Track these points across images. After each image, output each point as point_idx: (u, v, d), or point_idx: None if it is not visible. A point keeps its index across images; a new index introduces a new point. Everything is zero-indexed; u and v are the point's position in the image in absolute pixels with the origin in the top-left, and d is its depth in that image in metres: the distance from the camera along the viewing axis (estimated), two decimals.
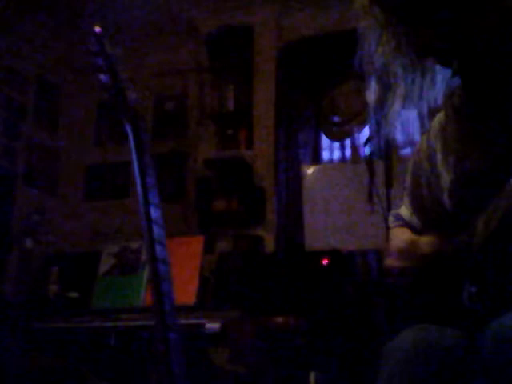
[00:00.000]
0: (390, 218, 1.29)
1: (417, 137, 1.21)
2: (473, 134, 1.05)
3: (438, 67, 1.06)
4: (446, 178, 1.10)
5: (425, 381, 0.88)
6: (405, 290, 1.15)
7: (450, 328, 0.95)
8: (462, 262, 0.99)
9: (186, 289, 2.70)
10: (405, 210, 1.25)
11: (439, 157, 1.13)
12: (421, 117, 1.15)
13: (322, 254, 2.95)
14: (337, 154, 4.16)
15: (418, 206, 1.21)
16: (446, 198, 1.10)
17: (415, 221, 1.22)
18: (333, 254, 2.94)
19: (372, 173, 2.57)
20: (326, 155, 4.19)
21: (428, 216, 1.18)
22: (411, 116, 1.15)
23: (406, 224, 1.24)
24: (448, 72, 1.06)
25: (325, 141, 4.18)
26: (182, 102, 4.47)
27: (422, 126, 1.17)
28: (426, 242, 1.11)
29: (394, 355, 0.92)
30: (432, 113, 1.15)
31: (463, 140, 1.06)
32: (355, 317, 2.78)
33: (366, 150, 3.28)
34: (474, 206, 1.00)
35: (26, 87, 4.29)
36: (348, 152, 4.10)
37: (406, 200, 1.26)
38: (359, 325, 2.76)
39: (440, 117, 1.16)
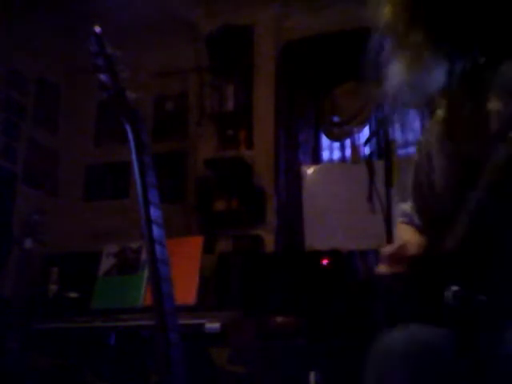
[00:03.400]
0: (398, 212, 1.30)
1: (417, 137, 1.22)
2: (468, 119, 1.05)
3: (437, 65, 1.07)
4: (440, 175, 1.11)
5: (415, 381, 0.88)
6: (397, 293, 1.16)
7: (438, 327, 0.96)
8: (447, 261, 1.00)
9: (185, 289, 2.70)
10: (409, 206, 1.27)
11: (435, 153, 1.14)
12: (421, 117, 1.16)
13: (322, 253, 2.95)
14: (337, 154, 4.17)
15: (420, 207, 1.22)
16: (441, 194, 1.11)
17: (416, 217, 1.23)
18: (333, 253, 2.94)
19: (372, 173, 2.57)
20: (325, 155, 4.19)
21: (428, 216, 1.19)
22: (412, 116, 1.16)
23: (411, 221, 1.25)
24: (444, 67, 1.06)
25: (325, 141, 4.18)
26: (182, 102, 4.48)
27: (423, 126, 1.17)
28: (413, 244, 1.12)
29: (384, 356, 0.92)
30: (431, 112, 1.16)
31: (455, 130, 1.07)
32: (355, 316, 2.78)
33: (366, 150, 3.28)
34: (455, 208, 1.00)
35: (26, 87, 4.29)
36: (348, 152, 4.10)
37: (410, 198, 1.27)
38: (359, 324, 2.76)
39: (436, 114, 1.16)
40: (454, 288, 0.96)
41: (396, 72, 1.09)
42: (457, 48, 1.04)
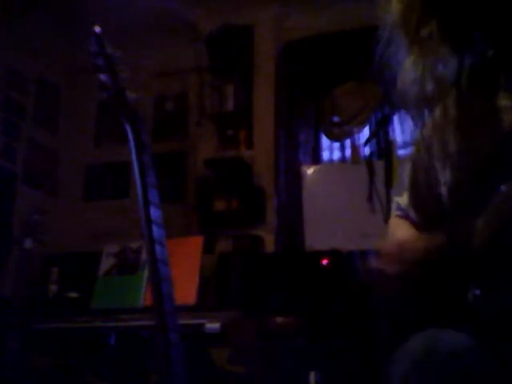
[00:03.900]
0: (393, 205, 1.29)
1: (416, 136, 1.21)
2: (479, 115, 1.04)
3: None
4: (444, 174, 1.09)
5: None
6: (400, 295, 1.14)
7: (461, 332, 0.94)
8: (464, 263, 0.99)
9: (185, 289, 2.70)
10: (404, 200, 1.25)
11: (436, 153, 1.12)
12: (421, 116, 1.15)
13: (322, 253, 2.95)
14: (337, 154, 4.16)
15: (416, 205, 1.21)
16: (444, 194, 1.09)
17: (412, 213, 1.22)
18: (333, 253, 2.94)
19: (372, 173, 2.57)
20: (326, 155, 4.18)
21: (426, 216, 1.18)
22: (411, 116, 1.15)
23: (406, 215, 1.23)
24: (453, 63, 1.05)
25: (325, 141, 4.17)
26: (182, 102, 4.48)
27: (422, 124, 1.16)
28: (419, 246, 1.10)
29: (407, 359, 0.91)
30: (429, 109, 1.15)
31: (465, 127, 1.06)
32: (355, 316, 2.78)
33: (366, 150, 3.28)
34: (474, 204, 0.99)
35: (26, 87, 4.29)
36: (348, 152, 4.10)
37: (406, 194, 1.25)
38: (359, 324, 2.76)
39: (436, 112, 1.15)
40: (476, 289, 0.95)
41: (407, 67, 1.08)
42: (465, 41, 1.03)
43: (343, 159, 4.10)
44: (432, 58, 1.06)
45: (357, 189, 2.87)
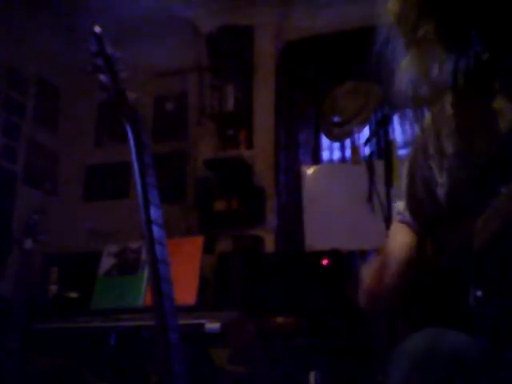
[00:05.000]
0: (395, 210, 1.29)
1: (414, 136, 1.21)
2: (476, 117, 1.04)
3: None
4: (442, 175, 1.09)
5: None
6: (402, 297, 1.15)
7: (461, 332, 0.94)
8: (464, 264, 0.99)
9: (185, 289, 2.70)
10: (402, 204, 1.25)
11: (433, 154, 1.12)
12: (417, 117, 1.15)
13: (322, 253, 2.95)
14: (337, 154, 4.17)
15: (413, 207, 1.21)
16: (441, 195, 1.09)
17: (408, 216, 1.22)
18: (333, 253, 2.94)
19: (372, 173, 2.57)
20: (325, 155, 4.19)
21: (422, 218, 1.18)
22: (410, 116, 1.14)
23: (404, 218, 1.24)
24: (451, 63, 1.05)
25: (325, 141, 4.18)
26: (182, 102, 4.48)
27: (419, 125, 1.16)
28: (398, 253, 1.11)
29: (407, 358, 0.91)
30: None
31: (463, 128, 1.06)
32: (355, 316, 2.78)
33: (366, 150, 3.28)
34: (472, 205, 0.99)
35: (26, 87, 4.29)
36: (348, 152, 4.10)
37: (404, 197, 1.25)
38: (359, 324, 2.76)
39: (433, 113, 1.15)
40: (478, 291, 0.95)
41: (403, 67, 1.07)
42: (461, 41, 1.03)
43: (343, 159, 4.10)
44: (427, 60, 1.05)
45: (357, 189, 2.88)
